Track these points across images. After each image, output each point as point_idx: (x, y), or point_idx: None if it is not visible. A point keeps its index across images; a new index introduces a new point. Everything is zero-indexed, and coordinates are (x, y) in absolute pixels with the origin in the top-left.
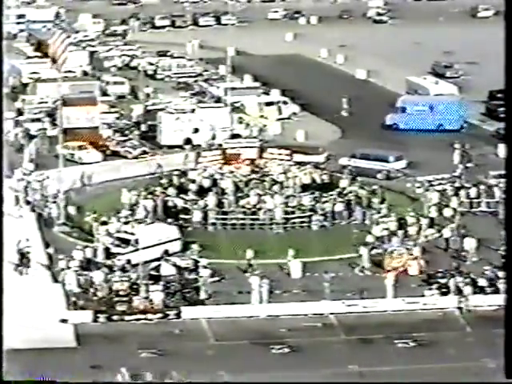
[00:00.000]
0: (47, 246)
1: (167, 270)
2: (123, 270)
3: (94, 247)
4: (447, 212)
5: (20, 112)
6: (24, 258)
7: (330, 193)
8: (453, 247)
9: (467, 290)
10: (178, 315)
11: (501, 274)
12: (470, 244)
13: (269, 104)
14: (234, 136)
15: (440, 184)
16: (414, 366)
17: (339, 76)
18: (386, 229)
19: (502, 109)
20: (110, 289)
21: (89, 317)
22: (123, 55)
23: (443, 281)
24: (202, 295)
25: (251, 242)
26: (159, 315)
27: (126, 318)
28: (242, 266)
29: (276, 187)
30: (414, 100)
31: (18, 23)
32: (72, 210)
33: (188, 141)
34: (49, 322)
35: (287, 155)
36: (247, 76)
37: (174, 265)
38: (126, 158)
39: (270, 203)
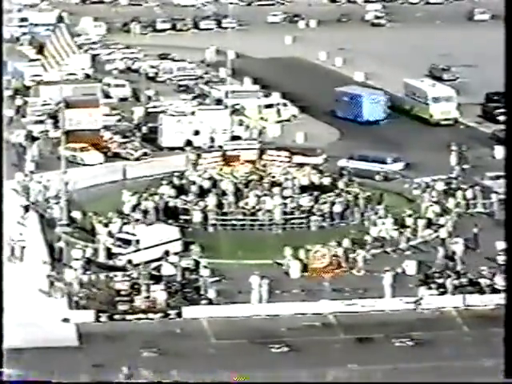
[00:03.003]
0: (58, 239)
1: (168, 270)
2: (124, 270)
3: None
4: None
5: (18, 111)
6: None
7: (329, 194)
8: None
9: (422, 291)
10: (179, 315)
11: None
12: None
13: (268, 106)
14: (234, 138)
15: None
16: (412, 365)
17: (338, 78)
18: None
19: (498, 111)
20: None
21: (91, 316)
22: (125, 58)
23: (440, 280)
24: (211, 294)
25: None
26: (160, 315)
27: (128, 317)
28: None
29: (275, 188)
30: (344, 91)
31: (21, 26)
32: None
33: (188, 143)
34: (51, 321)
35: (286, 157)
36: (247, 79)
37: (175, 265)
38: (127, 159)
39: (269, 204)
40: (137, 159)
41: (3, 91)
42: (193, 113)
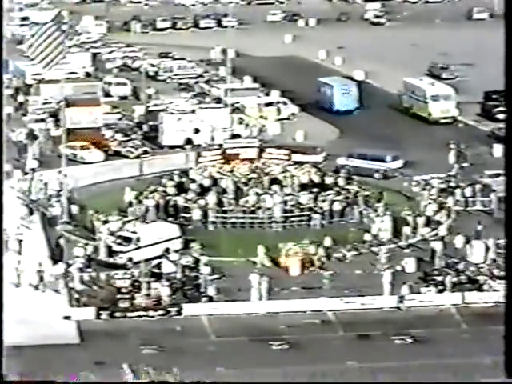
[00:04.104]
0: (60, 237)
1: (168, 267)
2: (125, 267)
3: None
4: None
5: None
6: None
7: (328, 192)
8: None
9: (404, 289)
10: (180, 312)
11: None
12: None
13: (268, 105)
14: (234, 136)
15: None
16: (411, 362)
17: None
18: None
19: (497, 109)
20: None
21: (92, 313)
22: (125, 56)
23: (439, 278)
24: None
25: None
26: (161, 312)
27: (129, 314)
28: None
29: (275, 186)
30: (322, 82)
31: (22, 25)
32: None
33: (189, 141)
34: (52, 318)
35: (286, 155)
36: (247, 77)
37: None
38: (127, 157)
39: (269, 202)
40: (137, 157)
41: (3, 90)
42: (193, 111)
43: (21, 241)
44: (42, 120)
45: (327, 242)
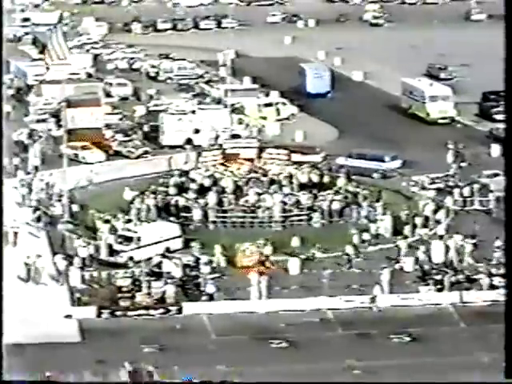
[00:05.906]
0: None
1: (169, 266)
2: (125, 266)
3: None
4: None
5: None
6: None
7: (327, 191)
8: None
9: (376, 290)
10: (180, 310)
11: None
12: None
13: (268, 105)
14: (234, 136)
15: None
16: (409, 360)
17: (336, 78)
18: None
19: (494, 109)
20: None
21: (92, 312)
22: (126, 57)
23: (438, 277)
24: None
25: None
26: (161, 311)
27: (129, 313)
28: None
29: (274, 186)
30: (301, 66)
31: (23, 26)
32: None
33: (189, 141)
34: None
35: (285, 155)
36: (247, 78)
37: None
38: (128, 157)
39: (268, 201)
40: (138, 157)
41: (3, 90)
42: (193, 111)
43: (16, 233)
44: (44, 120)
45: (295, 242)
